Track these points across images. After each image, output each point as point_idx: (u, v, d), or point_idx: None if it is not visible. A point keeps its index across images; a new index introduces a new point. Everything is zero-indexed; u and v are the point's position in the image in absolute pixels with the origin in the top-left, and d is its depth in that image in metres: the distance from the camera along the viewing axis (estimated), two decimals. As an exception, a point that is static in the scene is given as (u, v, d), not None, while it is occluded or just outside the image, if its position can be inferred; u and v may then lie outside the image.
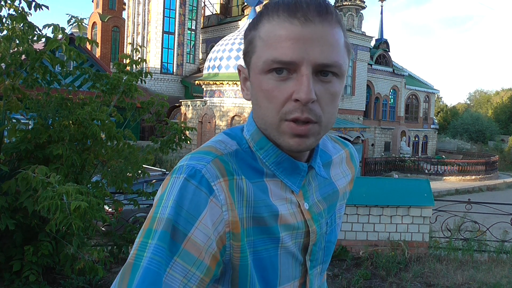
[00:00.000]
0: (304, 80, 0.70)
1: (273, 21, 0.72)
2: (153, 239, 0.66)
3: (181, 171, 0.71)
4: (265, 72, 0.72)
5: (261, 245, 0.75)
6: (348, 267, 5.43)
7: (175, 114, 24.39)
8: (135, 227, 5.36)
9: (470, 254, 6.04)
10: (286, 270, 0.78)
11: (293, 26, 0.70)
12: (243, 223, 0.72)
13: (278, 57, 0.70)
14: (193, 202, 0.68)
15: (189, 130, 5.25)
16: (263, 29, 0.74)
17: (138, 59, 4.95)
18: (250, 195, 0.74)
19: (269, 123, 0.74)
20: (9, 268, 3.82)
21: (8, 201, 3.57)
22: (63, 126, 4.02)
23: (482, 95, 65.06)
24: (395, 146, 31.29)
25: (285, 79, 0.71)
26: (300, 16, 0.70)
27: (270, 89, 0.72)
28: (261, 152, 0.78)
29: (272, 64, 0.71)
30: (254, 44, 0.75)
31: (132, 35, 29.99)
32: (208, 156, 0.74)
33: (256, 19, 0.77)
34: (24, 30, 3.89)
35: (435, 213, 6.30)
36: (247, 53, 0.77)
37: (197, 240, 0.67)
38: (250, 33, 0.77)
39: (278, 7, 0.73)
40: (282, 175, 0.79)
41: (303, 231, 0.80)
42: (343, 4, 29.70)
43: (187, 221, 0.67)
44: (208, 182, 0.70)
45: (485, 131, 44.51)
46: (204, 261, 0.67)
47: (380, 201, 5.84)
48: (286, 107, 0.71)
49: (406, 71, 34.65)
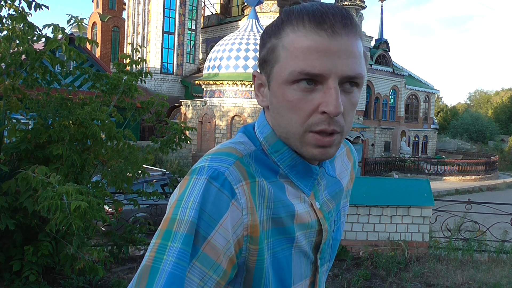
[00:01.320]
0: (333, 93, 0.70)
1: (299, 32, 0.72)
2: (176, 242, 0.64)
3: (202, 172, 0.70)
4: (290, 82, 0.72)
5: (278, 246, 0.75)
6: (348, 267, 5.43)
7: (175, 114, 24.40)
8: (135, 227, 5.37)
9: (470, 254, 6.04)
10: (299, 269, 0.79)
11: (321, 38, 0.70)
12: (263, 226, 0.73)
13: (306, 69, 0.70)
14: (215, 205, 0.67)
15: (189, 130, 5.26)
16: (288, 38, 0.73)
17: (138, 59, 4.95)
18: (270, 196, 0.74)
19: (292, 132, 0.74)
20: (9, 268, 3.82)
21: (8, 201, 3.57)
22: (63, 126, 4.02)
23: (482, 95, 65.06)
24: (395, 146, 31.29)
25: (311, 90, 0.72)
26: (328, 28, 0.70)
27: (295, 100, 0.72)
28: (276, 155, 0.79)
29: (299, 76, 0.71)
30: (277, 53, 0.74)
31: (132, 35, 29.99)
32: (230, 158, 0.73)
33: (277, 26, 0.75)
34: (24, 30, 3.89)
35: (435, 213, 6.30)
36: (267, 61, 0.76)
37: (217, 243, 0.66)
38: (271, 40, 0.75)
39: (303, 16, 0.72)
40: (295, 178, 0.80)
41: (315, 229, 0.81)
42: (343, 4, 29.72)
43: (208, 224, 0.66)
44: (230, 185, 0.70)
45: (485, 131, 44.51)
46: (222, 265, 0.66)
47: (380, 201, 5.84)
48: (312, 119, 0.72)
49: (406, 71, 34.65)
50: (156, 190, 5.55)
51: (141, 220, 5.66)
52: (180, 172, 5.54)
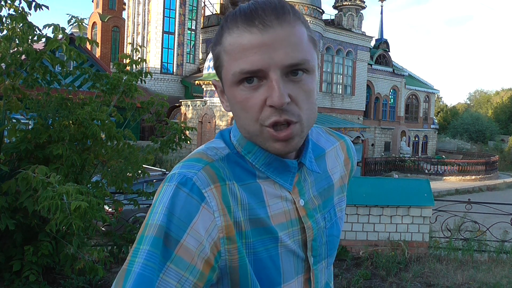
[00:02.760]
0: (274, 85, 0.71)
1: (234, 33, 0.73)
2: (145, 244, 0.67)
3: (173, 179, 0.73)
4: (236, 84, 0.73)
5: (261, 246, 0.76)
6: (348, 267, 5.43)
7: (175, 114, 24.39)
8: (135, 227, 5.37)
9: (470, 254, 6.04)
10: (288, 267, 0.80)
11: (253, 34, 0.71)
12: (240, 226, 0.74)
13: (245, 67, 0.71)
14: (185, 209, 0.70)
15: (189, 130, 5.25)
16: (226, 42, 0.74)
17: (138, 59, 4.95)
18: (243, 199, 0.76)
19: (251, 131, 0.75)
20: (9, 268, 3.81)
21: (8, 201, 3.57)
22: (63, 126, 4.02)
23: (482, 95, 65.08)
24: (395, 146, 31.29)
25: (256, 87, 0.73)
26: (258, 23, 0.71)
27: (244, 100, 0.73)
28: (250, 156, 0.80)
29: (241, 76, 0.72)
30: (221, 58, 0.76)
31: (132, 35, 29.99)
32: (198, 164, 0.76)
33: (219, 32, 0.77)
34: (24, 30, 3.88)
35: (435, 213, 6.30)
36: (217, 68, 0.78)
37: (189, 246, 0.68)
38: (216, 48, 0.77)
39: (236, 18, 0.73)
40: (273, 175, 0.80)
41: (298, 228, 0.81)
42: (343, 4, 29.72)
43: (179, 228, 0.69)
44: (199, 189, 0.72)
45: (485, 131, 44.52)
46: (197, 266, 0.68)
47: (380, 201, 5.84)
48: (263, 113, 0.72)
49: (406, 71, 34.65)
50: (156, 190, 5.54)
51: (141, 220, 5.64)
52: (180, 172, 5.50)
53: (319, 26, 25.69)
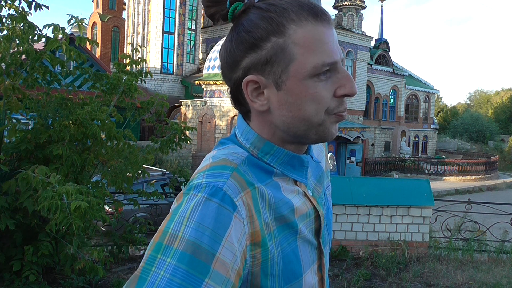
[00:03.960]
0: (348, 75, 0.77)
1: (306, 27, 0.74)
2: (168, 257, 0.63)
3: (199, 189, 0.69)
4: (311, 76, 0.75)
5: (285, 242, 0.77)
6: (348, 267, 5.43)
7: (175, 114, 24.39)
8: (135, 227, 5.37)
9: (470, 254, 6.04)
10: (306, 257, 0.81)
11: (326, 28, 0.76)
12: (268, 227, 0.74)
13: (327, 60, 0.74)
14: (218, 221, 0.66)
15: (189, 130, 5.26)
16: (297, 35, 0.74)
17: (138, 59, 4.95)
18: (271, 198, 0.76)
19: (314, 122, 0.77)
20: (9, 268, 3.81)
21: (8, 201, 3.57)
22: (63, 126, 4.02)
23: (482, 95, 65.06)
24: (395, 146, 31.29)
25: (327, 78, 0.76)
26: (324, 17, 0.76)
27: (318, 91, 0.75)
28: (267, 157, 0.80)
29: (322, 68, 0.74)
30: (289, 51, 0.74)
31: (132, 35, 29.99)
32: (226, 171, 0.73)
33: (276, 23, 0.75)
34: (24, 30, 3.89)
35: (435, 213, 6.30)
36: (274, 62, 0.75)
37: (225, 259, 0.65)
38: (271, 40, 0.75)
39: (300, 11, 0.75)
40: (291, 172, 0.82)
41: (313, 217, 0.85)
42: (343, 4, 29.71)
43: (214, 241, 0.65)
44: (230, 198, 0.69)
45: (485, 131, 44.51)
46: (231, 279, 0.66)
47: (380, 201, 5.84)
48: (332, 103, 0.77)
49: (406, 71, 34.65)
50: (156, 190, 5.55)
51: (141, 220, 5.66)
52: (180, 172, 5.51)
53: (319, 26, 25.66)
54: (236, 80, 0.79)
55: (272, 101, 0.77)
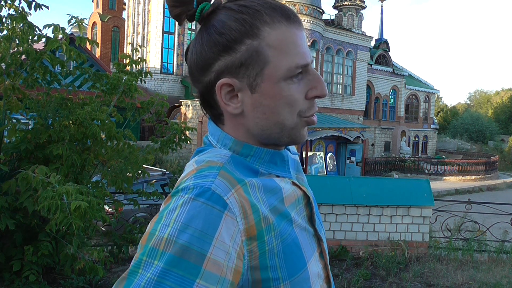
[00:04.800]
0: (319, 77, 0.77)
1: (279, 29, 0.74)
2: (156, 259, 0.62)
3: (187, 191, 0.68)
4: (285, 79, 0.75)
5: (284, 232, 0.76)
6: (348, 267, 5.43)
7: (175, 114, 24.39)
8: (135, 227, 5.37)
9: (470, 254, 6.04)
10: (306, 245, 0.80)
11: (299, 30, 0.76)
12: (267, 220, 0.73)
13: (300, 62, 0.75)
14: (207, 221, 0.65)
15: (189, 130, 5.26)
16: (271, 37, 0.73)
17: (138, 59, 4.95)
18: (261, 191, 0.76)
19: (288, 124, 0.77)
20: (9, 268, 3.81)
21: (8, 201, 3.57)
22: (63, 126, 4.02)
23: (482, 95, 65.07)
24: (395, 146, 31.29)
25: (299, 80, 0.76)
26: (296, 19, 0.76)
27: (292, 93, 0.75)
28: (249, 159, 0.79)
29: (296, 70, 0.74)
30: (263, 54, 0.74)
31: (132, 35, 29.99)
32: (213, 171, 0.72)
33: (249, 26, 0.74)
34: (24, 30, 3.89)
35: (435, 213, 6.30)
36: (248, 65, 0.74)
37: (217, 258, 0.64)
38: (245, 42, 0.74)
39: (274, 13, 0.74)
40: (274, 170, 0.81)
41: (303, 204, 0.85)
42: (343, 4, 29.71)
43: (203, 241, 0.64)
44: (220, 197, 0.68)
45: (485, 131, 44.52)
46: (227, 278, 0.65)
47: (380, 201, 5.84)
48: (303, 105, 0.77)
49: (406, 71, 34.65)
50: (156, 190, 5.54)
51: (141, 220, 5.65)
52: (180, 172, 5.52)
53: (319, 26, 25.69)
54: (208, 83, 0.78)
55: (246, 104, 0.76)
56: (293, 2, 24.18)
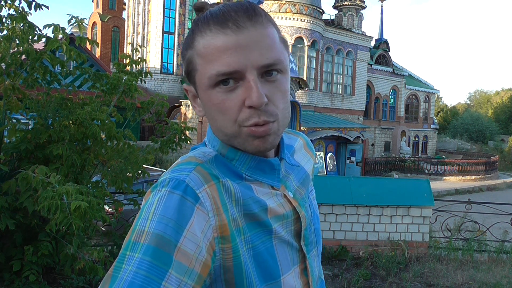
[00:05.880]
0: (253, 85, 0.72)
1: (207, 36, 0.73)
2: (136, 252, 0.64)
3: (164, 184, 0.71)
4: (211, 86, 0.74)
5: (257, 239, 0.76)
6: (348, 267, 5.44)
7: (175, 114, 24.38)
8: (135, 227, 5.36)
9: (470, 254, 6.04)
10: (284, 258, 0.80)
11: (228, 36, 0.72)
12: (236, 223, 0.74)
13: (221, 69, 0.72)
14: (180, 212, 0.68)
15: (189, 130, 5.26)
16: (199, 46, 0.74)
17: (138, 59, 4.95)
18: (238, 194, 0.76)
19: (229, 133, 0.76)
20: (9, 268, 3.81)
21: (8, 201, 3.57)
22: (63, 126, 4.02)
23: (482, 95, 65.06)
24: (395, 146, 31.28)
25: (233, 88, 0.73)
26: (232, 25, 0.72)
27: (221, 102, 0.74)
28: (233, 162, 0.80)
29: (217, 78, 0.72)
30: (194, 62, 0.76)
31: (132, 35, 29.99)
32: (189, 166, 0.75)
33: (190, 37, 0.77)
34: (24, 30, 3.88)
35: (435, 213, 6.30)
36: (190, 73, 0.78)
37: (187, 249, 0.66)
38: (187, 52, 0.77)
39: (208, 21, 0.74)
40: (261, 177, 0.81)
41: (292, 219, 0.84)
42: (343, 4, 29.71)
43: (176, 232, 0.66)
44: (193, 190, 0.71)
45: (485, 131, 44.51)
46: (195, 269, 0.67)
47: (380, 201, 5.84)
48: (242, 114, 0.73)
49: (406, 71, 34.65)
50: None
51: (141, 220, 5.65)
52: (180, 172, 5.50)
53: (319, 26, 25.69)
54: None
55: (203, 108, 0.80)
56: (293, 2, 24.17)
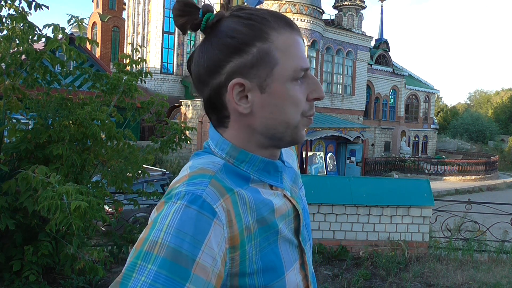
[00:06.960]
0: (317, 81, 0.84)
1: (285, 34, 0.80)
2: (150, 263, 0.65)
3: (179, 196, 0.72)
4: (294, 79, 0.80)
5: (265, 242, 0.79)
6: (348, 267, 5.44)
7: (175, 114, 24.39)
8: (135, 227, 5.37)
9: (470, 254, 6.04)
10: (287, 256, 0.84)
11: (299, 38, 0.83)
12: (249, 230, 0.77)
13: (304, 65, 0.81)
14: (198, 227, 0.69)
15: (189, 130, 5.26)
16: (279, 41, 0.80)
17: (138, 59, 4.95)
18: (251, 201, 0.79)
19: (294, 124, 0.82)
20: (9, 268, 3.82)
21: (8, 201, 3.57)
22: (63, 126, 4.02)
23: (482, 95, 65.07)
24: (395, 146, 31.28)
25: (301, 83, 0.82)
26: (296, 29, 0.82)
27: (297, 94, 0.81)
28: (243, 165, 0.83)
29: (301, 72, 0.81)
30: (273, 56, 0.79)
31: (132, 35, 29.99)
32: (205, 179, 0.75)
33: (259, 31, 0.79)
34: (24, 30, 3.89)
35: (435, 213, 6.30)
36: (259, 65, 0.79)
37: (205, 263, 0.67)
38: (255, 45, 0.79)
39: (279, 20, 0.81)
40: (267, 178, 0.85)
41: (292, 216, 0.88)
42: (343, 4, 29.71)
43: (194, 247, 0.67)
44: (210, 205, 0.72)
45: (485, 131, 44.52)
46: (211, 282, 0.68)
47: (380, 201, 5.84)
48: (305, 106, 0.83)
49: (406, 71, 34.65)
50: (156, 190, 5.54)
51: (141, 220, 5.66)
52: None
53: (319, 26, 25.69)
54: (218, 85, 0.81)
55: (255, 104, 0.80)
56: (293, 2, 24.17)
